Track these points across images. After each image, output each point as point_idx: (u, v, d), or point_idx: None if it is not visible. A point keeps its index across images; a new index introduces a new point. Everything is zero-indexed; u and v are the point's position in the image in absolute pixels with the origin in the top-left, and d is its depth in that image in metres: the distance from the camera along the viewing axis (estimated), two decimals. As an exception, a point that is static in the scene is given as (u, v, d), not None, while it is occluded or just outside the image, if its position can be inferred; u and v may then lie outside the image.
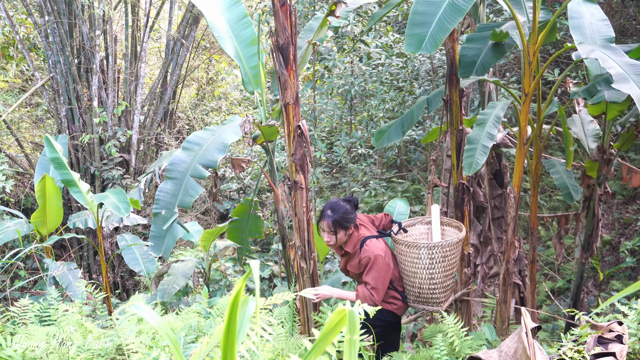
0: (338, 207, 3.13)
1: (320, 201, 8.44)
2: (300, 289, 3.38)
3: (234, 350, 1.18)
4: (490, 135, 3.27)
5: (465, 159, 3.27)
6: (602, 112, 3.87)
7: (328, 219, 3.10)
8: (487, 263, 4.15)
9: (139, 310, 1.26)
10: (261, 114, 3.93)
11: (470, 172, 3.22)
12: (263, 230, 5.59)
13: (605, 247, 6.79)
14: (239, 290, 1.14)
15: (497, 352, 2.42)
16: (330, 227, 3.11)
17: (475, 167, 3.20)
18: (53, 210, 4.76)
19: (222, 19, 3.93)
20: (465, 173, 3.27)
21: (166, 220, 3.40)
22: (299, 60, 3.83)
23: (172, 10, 8.06)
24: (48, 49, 7.00)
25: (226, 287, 5.54)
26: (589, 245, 4.20)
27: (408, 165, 8.89)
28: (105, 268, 4.70)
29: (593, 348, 2.27)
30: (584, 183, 4.11)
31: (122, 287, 7.21)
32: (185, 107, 10.31)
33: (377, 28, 7.14)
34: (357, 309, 2.06)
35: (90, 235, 7.01)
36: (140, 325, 2.74)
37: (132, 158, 7.58)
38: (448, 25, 2.78)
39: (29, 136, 8.55)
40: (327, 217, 3.11)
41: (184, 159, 3.47)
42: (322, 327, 1.17)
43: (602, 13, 3.62)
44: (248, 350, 1.78)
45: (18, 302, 3.08)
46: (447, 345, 2.94)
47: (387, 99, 6.96)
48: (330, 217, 3.10)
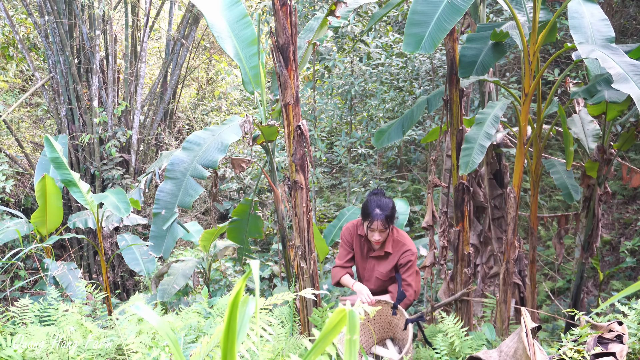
0: (384, 204, 3.11)
1: (321, 201, 8.44)
2: (300, 289, 3.38)
3: (234, 350, 1.18)
4: (488, 135, 3.26)
5: (461, 157, 3.26)
6: (602, 112, 3.87)
7: (380, 217, 3.07)
8: (487, 263, 4.15)
9: (139, 310, 1.26)
10: (261, 114, 3.93)
11: (466, 171, 3.21)
12: (263, 230, 5.59)
13: (605, 247, 6.79)
14: (239, 290, 1.14)
15: (497, 352, 2.42)
16: (385, 224, 3.09)
17: (472, 166, 3.19)
18: (53, 210, 4.75)
19: (222, 19, 3.93)
20: (461, 172, 3.27)
21: (166, 220, 3.40)
22: (299, 60, 3.83)
23: (172, 10, 8.06)
24: (48, 49, 7.00)
25: (226, 287, 5.54)
26: (589, 245, 4.20)
27: (408, 165, 8.89)
28: (105, 268, 4.70)
29: (593, 348, 2.27)
30: (584, 183, 4.11)
31: (122, 287, 7.21)
32: (185, 107, 10.31)
33: (377, 28, 7.14)
34: (357, 309, 2.06)
35: (90, 235, 7.01)
36: (140, 325, 2.74)
37: (132, 158, 7.57)
38: (447, 24, 2.78)
39: (29, 136, 8.55)
40: (378, 217, 3.07)
41: (184, 159, 3.47)
42: (322, 327, 1.17)
43: (602, 13, 3.62)
44: (248, 350, 1.78)
45: (18, 302, 3.08)
46: (447, 345, 2.94)
47: (387, 99, 6.96)
48: (380, 215, 3.07)
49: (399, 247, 3.20)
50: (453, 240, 3.89)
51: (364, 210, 3.15)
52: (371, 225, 3.10)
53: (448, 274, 4.06)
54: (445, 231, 3.93)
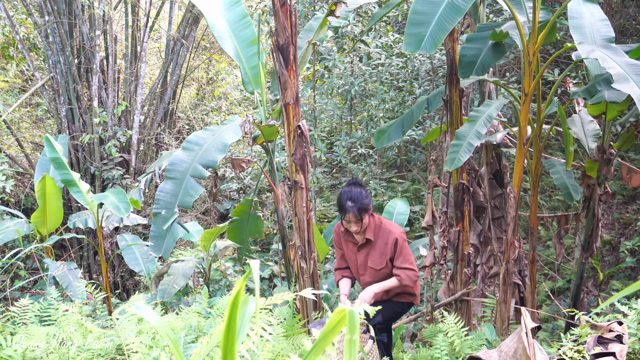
0: (355, 195, 3.10)
1: (321, 201, 8.44)
2: (300, 289, 3.39)
3: (234, 350, 1.18)
4: (478, 134, 3.24)
5: (449, 154, 3.26)
6: (602, 112, 3.87)
7: (352, 210, 3.08)
8: (487, 263, 4.15)
9: (139, 310, 1.26)
10: (261, 114, 3.93)
11: (451, 168, 3.21)
12: (263, 230, 5.59)
13: (605, 247, 6.79)
14: (239, 290, 1.14)
15: (497, 352, 2.42)
16: (357, 216, 3.09)
17: (457, 164, 3.19)
18: (53, 210, 4.75)
19: (222, 19, 3.94)
20: (446, 168, 3.27)
21: (166, 220, 3.40)
22: (299, 60, 3.83)
23: (172, 10, 8.06)
24: (48, 49, 7.00)
25: (226, 287, 5.54)
26: (589, 245, 4.20)
27: (408, 165, 8.90)
28: (105, 268, 4.70)
29: (593, 348, 2.27)
30: (584, 183, 4.11)
31: (122, 287, 7.21)
32: (185, 107, 10.31)
33: (377, 28, 7.14)
34: (357, 309, 2.06)
35: (90, 235, 7.01)
36: (140, 325, 2.74)
37: (132, 158, 7.58)
38: (447, 24, 2.78)
39: (29, 136, 8.55)
40: (350, 209, 3.08)
41: (184, 159, 3.47)
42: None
43: (602, 13, 3.62)
44: (248, 350, 1.78)
45: (18, 302, 3.08)
46: (447, 345, 2.94)
47: (387, 99, 6.96)
48: (352, 207, 3.08)
49: (380, 232, 3.18)
50: (453, 240, 3.89)
51: (338, 203, 3.16)
52: (344, 217, 3.12)
53: (448, 274, 4.06)
54: (445, 231, 3.93)
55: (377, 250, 3.19)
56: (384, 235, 3.17)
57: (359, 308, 1.52)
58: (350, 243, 3.28)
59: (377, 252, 3.19)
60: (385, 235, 3.17)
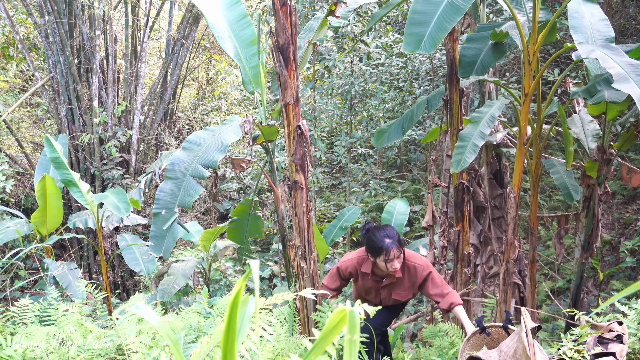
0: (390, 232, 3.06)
1: (321, 201, 8.44)
2: (300, 289, 3.38)
3: (234, 350, 1.18)
4: (482, 135, 3.25)
5: (454, 155, 3.25)
6: (602, 112, 3.87)
7: (393, 245, 3.00)
8: (487, 263, 4.15)
9: (139, 310, 1.26)
10: (261, 114, 3.93)
11: (457, 169, 3.20)
12: (263, 230, 5.59)
13: (605, 247, 6.79)
14: (239, 290, 1.14)
15: (497, 352, 2.42)
16: (399, 249, 3.03)
17: (463, 165, 3.18)
18: (53, 210, 4.75)
19: (222, 19, 3.93)
20: (452, 170, 3.26)
21: (166, 220, 3.40)
22: (299, 60, 3.83)
23: (172, 10, 8.06)
24: (48, 49, 7.00)
25: (226, 287, 5.54)
26: (589, 245, 4.20)
27: (408, 165, 8.90)
28: (105, 268, 4.70)
29: (593, 348, 2.27)
30: (584, 183, 4.11)
31: (122, 287, 7.21)
32: (185, 107, 10.31)
33: (377, 28, 7.14)
34: (358, 309, 2.06)
35: (90, 235, 7.01)
36: (140, 325, 2.74)
37: (132, 158, 7.58)
38: (447, 24, 2.78)
39: (29, 136, 8.55)
40: (391, 245, 3.00)
41: (184, 159, 3.47)
42: (322, 327, 1.17)
43: (602, 13, 3.62)
44: (248, 350, 1.78)
45: (18, 302, 3.08)
46: (447, 345, 2.94)
47: (387, 99, 6.96)
48: (392, 243, 3.01)
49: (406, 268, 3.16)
50: (453, 240, 3.89)
51: (374, 246, 3.04)
52: (388, 256, 3.01)
53: (448, 274, 4.06)
54: (445, 231, 3.93)
55: (404, 285, 3.17)
56: (410, 271, 3.15)
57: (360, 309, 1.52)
58: (374, 283, 3.23)
59: (403, 286, 3.18)
60: (411, 271, 3.15)
